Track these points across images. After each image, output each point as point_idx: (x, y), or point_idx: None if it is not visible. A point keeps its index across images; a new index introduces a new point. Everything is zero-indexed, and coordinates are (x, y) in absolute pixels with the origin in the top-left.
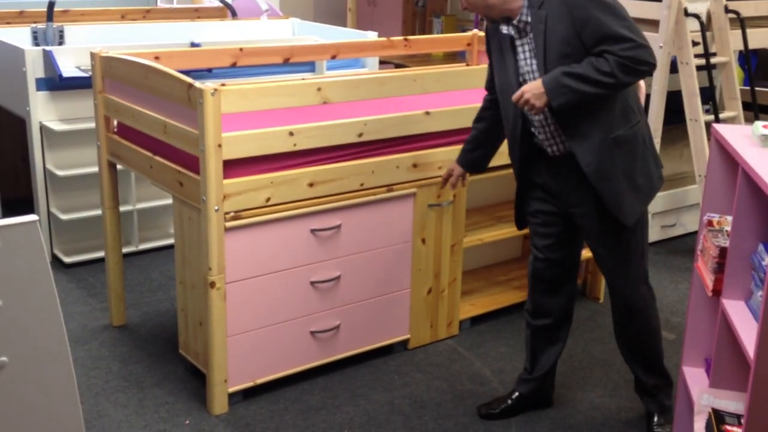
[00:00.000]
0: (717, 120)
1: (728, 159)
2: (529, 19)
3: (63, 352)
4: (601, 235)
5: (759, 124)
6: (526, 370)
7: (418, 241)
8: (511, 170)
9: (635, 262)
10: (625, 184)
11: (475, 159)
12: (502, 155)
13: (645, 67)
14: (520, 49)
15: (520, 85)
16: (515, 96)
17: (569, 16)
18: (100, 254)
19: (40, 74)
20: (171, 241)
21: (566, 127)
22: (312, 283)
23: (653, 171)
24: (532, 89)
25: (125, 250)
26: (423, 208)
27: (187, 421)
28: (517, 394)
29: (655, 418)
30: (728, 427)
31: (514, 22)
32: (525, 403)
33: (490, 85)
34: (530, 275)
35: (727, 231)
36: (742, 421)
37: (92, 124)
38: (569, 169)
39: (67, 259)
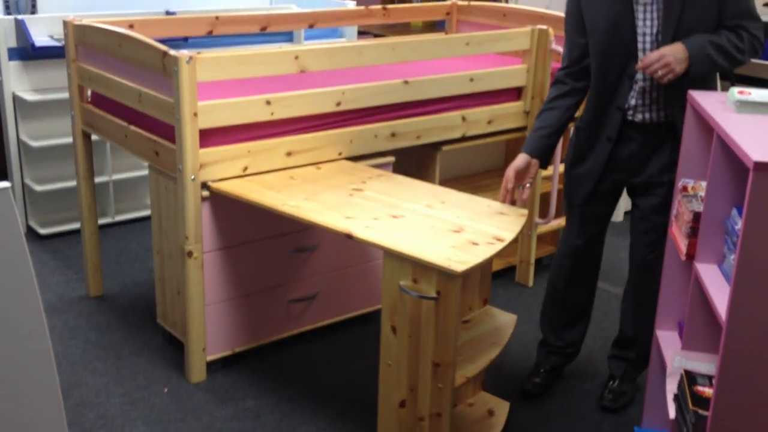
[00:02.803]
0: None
1: (703, 125)
2: None
3: (38, 320)
4: (661, 201)
5: (734, 90)
6: (557, 345)
7: (387, 326)
8: (485, 140)
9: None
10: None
11: (550, 146)
12: (479, 123)
13: (761, 49)
14: (641, 9)
15: (632, 47)
16: (651, 57)
17: None
18: (76, 226)
19: (13, 44)
20: (147, 212)
21: (673, 94)
22: (290, 252)
23: None
24: (674, 53)
25: (102, 221)
26: (393, 285)
27: (166, 389)
28: (546, 370)
29: (615, 383)
30: (700, 388)
31: None
32: (559, 371)
33: (575, 55)
34: (572, 255)
35: (701, 196)
36: (714, 381)
37: (66, 94)
38: (656, 136)
39: (42, 231)
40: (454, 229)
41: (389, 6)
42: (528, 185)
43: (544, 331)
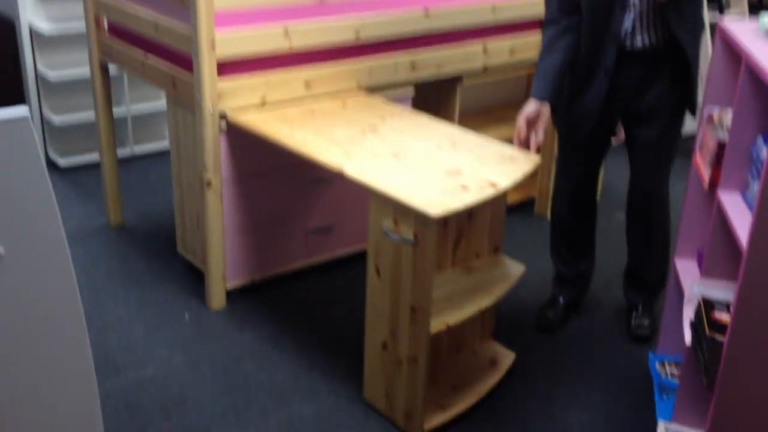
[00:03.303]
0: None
1: (732, 54)
2: None
3: (60, 244)
4: (661, 126)
5: (766, 15)
6: (570, 278)
7: (372, 267)
8: (507, 72)
9: (671, 156)
10: (694, 72)
11: (558, 89)
12: (500, 55)
13: None
14: None
15: None
16: None
17: None
18: (96, 158)
19: None
20: (166, 145)
21: (671, 14)
22: (308, 182)
23: None
24: None
25: (121, 153)
26: (377, 226)
27: (187, 316)
28: (562, 302)
29: (639, 310)
30: (717, 315)
31: None
32: (575, 305)
33: None
34: (570, 194)
35: (727, 126)
36: (731, 308)
37: (83, 25)
38: (656, 62)
39: (62, 162)
40: (451, 172)
41: None
42: (541, 130)
43: (556, 265)
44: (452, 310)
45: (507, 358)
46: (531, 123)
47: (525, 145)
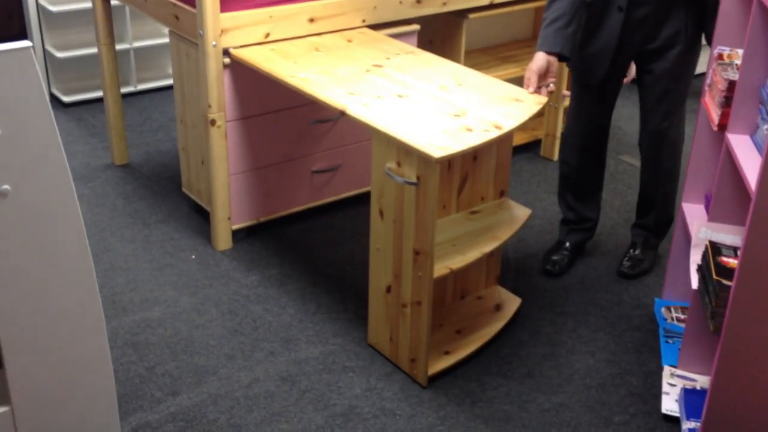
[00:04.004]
0: None
1: None
2: None
3: (66, 182)
4: (674, 65)
5: None
6: (576, 219)
7: (375, 209)
8: (513, 7)
9: (683, 93)
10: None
11: (569, 37)
12: None
13: None
14: None
15: None
16: None
17: None
18: (99, 94)
19: None
20: (170, 81)
21: None
22: (312, 122)
23: None
24: None
25: (124, 90)
26: (380, 168)
27: (193, 256)
28: (568, 248)
29: (636, 251)
30: (724, 259)
31: None
32: (580, 249)
33: None
34: (582, 135)
35: (737, 64)
36: (739, 252)
37: None
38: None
39: (65, 99)
40: (456, 113)
41: None
42: (552, 83)
43: (563, 209)
44: (456, 255)
45: (513, 303)
46: (542, 77)
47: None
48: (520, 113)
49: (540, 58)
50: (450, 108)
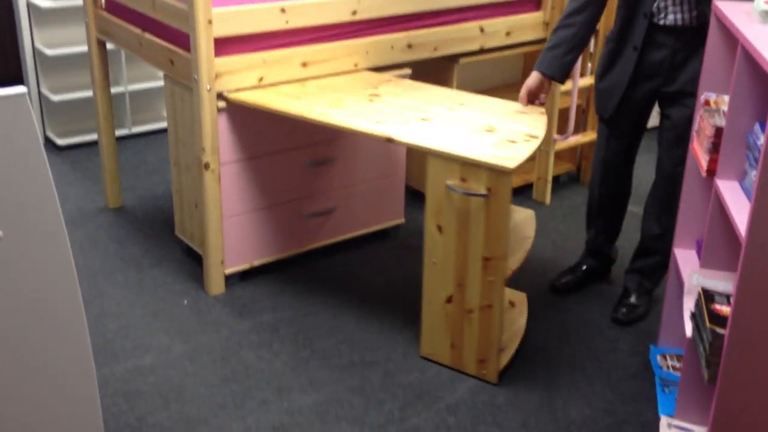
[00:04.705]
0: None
1: (727, 36)
2: None
3: (58, 227)
4: (693, 111)
5: (760, 0)
6: (593, 250)
7: (432, 225)
8: (503, 52)
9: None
10: None
11: (568, 64)
12: (497, 35)
13: None
14: None
15: None
16: None
17: None
18: (94, 137)
19: None
20: (164, 124)
21: None
22: (307, 165)
23: None
24: None
25: (119, 133)
26: (439, 186)
27: (186, 301)
28: (585, 267)
29: (631, 298)
30: (717, 306)
31: None
32: (594, 276)
33: None
34: (601, 169)
35: (723, 111)
36: (731, 300)
37: (80, 0)
38: (689, 41)
39: (60, 142)
40: (487, 129)
41: None
42: (542, 101)
43: (587, 232)
44: (510, 257)
45: (520, 297)
46: (532, 94)
47: None
48: (537, 123)
49: (534, 77)
50: (476, 126)
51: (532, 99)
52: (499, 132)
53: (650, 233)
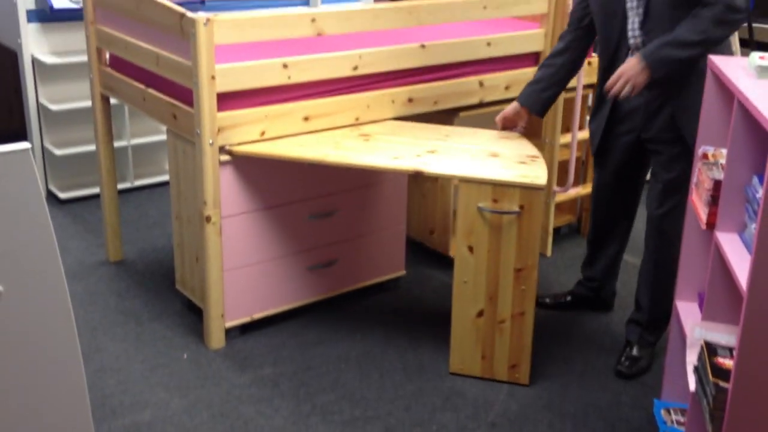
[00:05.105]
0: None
1: (724, 91)
2: None
3: (59, 283)
4: (666, 157)
5: (755, 55)
6: (584, 276)
7: (463, 247)
8: (503, 106)
9: (682, 193)
10: None
11: (545, 99)
12: (496, 89)
13: (736, 15)
14: None
15: (622, 5)
16: (611, 79)
17: None
18: (96, 190)
19: (31, 6)
20: (166, 177)
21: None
22: (308, 218)
23: None
24: (631, 67)
25: (121, 186)
26: (470, 209)
27: (185, 355)
28: (569, 298)
29: (633, 350)
30: (720, 360)
31: None
32: (580, 304)
33: (576, 15)
34: (593, 197)
35: (721, 164)
36: (734, 353)
37: (85, 57)
38: (660, 93)
39: (62, 195)
40: (491, 155)
41: None
42: (518, 130)
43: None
44: None
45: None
46: (508, 120)
47: None
48: (527, 144)
49: (512, 105)
50: (481, 153)
51: (507, 126)
52: (505, 156)
53: (642, 289)
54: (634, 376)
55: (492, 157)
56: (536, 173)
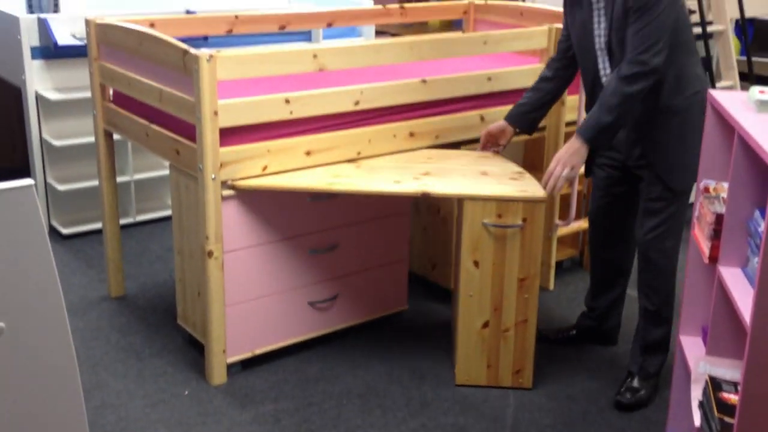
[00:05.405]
0: (714, 89)
1: (724, 125)
2: None
3: (61, 320)
4: (645, 182)
5: (755, 89)
6: (587, 307)
7: (468, 262)
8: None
9: (661, 217)
10: (679, 152)
11: (531, 120)
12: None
13: (645, 67)
14: (596, 13)
15: (592, 43)
16: (548, 169)
17: None
18: (98, 225)
19: (35, 42)
20: (169, 212)
21: None
22: (309, 252)
23: None
24: (565, 151)
25: (123, 221)
26: (476, 225)
27: (186, 392)
28: (574, 332)
29: (633, 381)
30: (725, 395)
31: None
32: (584, 338)
33: (562, 46)
34: (590, 219)
35: (723, 198)
36: (739, 388)
37: (88, 93)
38: (636, 123)
39: (64, 231)
40: (482, 173)
41: (407, 5)
42: (501, 148)
43: None
44: None
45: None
46: (492, 136)
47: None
48: (507, 162)
49: (499, 123)
50: (472, 172)
51: (491, 141)
52: (495, 174)
53: (638, 324)
54: (634, 408)
55: (483, 176)
56: (533, 187)
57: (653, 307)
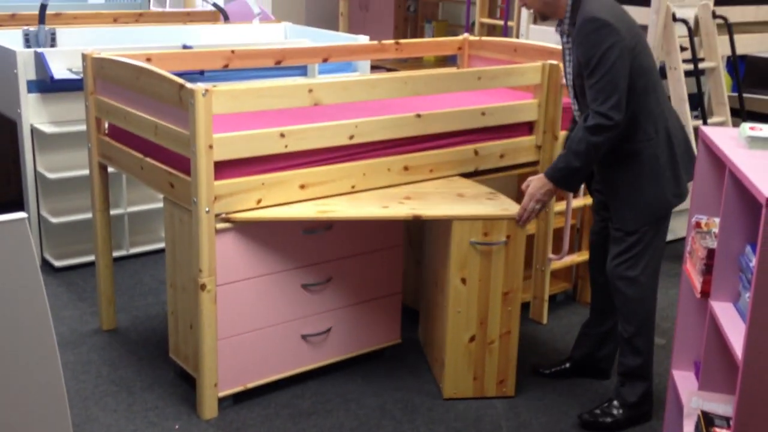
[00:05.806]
0: (705, 125)
1: (715, 161)
2: (569, 27)
3: (52, 355)
4: (612, 214)
5: (746, 125)
6: (583, 333)
7: (456, 280)
8: (498, 174)
9: (623, 246)
10: (629, 195)
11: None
12: (491, 158)
13: (608, 120)
14: (566, 51)
15: (566, 80)
16: (522, 205)
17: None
18: (91, 258)
19: (32, 76)
20: (162, 245)
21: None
22: (303, 286)
23: (666, 188)
24: (535, 185)
25: (116, 254)
26: (464, 244)
27: (177, 426)
28: (568, 364)
29: (609, 405)
30: (717, 430)
31: (565, 24)
32: (578, 371)
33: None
34: (589, 245)
35: (715, 233)
36: (731, 423)
37: (83, 127)
38: (603, 160)
39: (57, 263)
40: (459, 195)
41: (402, 41)
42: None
43: None
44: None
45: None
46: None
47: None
48: (476, 184)
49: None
50: (449, 195)
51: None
52: (471, 195)
53: (619, 334)
54: (595, 427)
55: (461, 197)
56: (512, 206)
57: (626, 335)
